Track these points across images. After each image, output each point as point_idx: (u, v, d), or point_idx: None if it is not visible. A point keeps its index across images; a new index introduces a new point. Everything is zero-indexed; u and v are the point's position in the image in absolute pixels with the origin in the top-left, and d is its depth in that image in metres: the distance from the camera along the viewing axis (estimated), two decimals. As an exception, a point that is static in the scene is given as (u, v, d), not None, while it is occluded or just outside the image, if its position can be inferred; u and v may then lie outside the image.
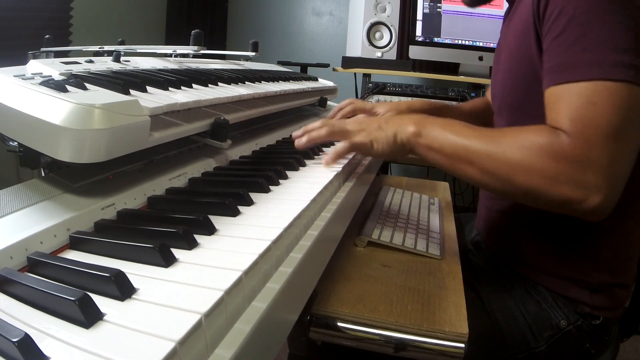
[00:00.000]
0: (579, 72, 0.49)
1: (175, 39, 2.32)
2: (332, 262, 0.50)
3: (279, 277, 0.34)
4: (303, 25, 2.52)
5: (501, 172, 0.50)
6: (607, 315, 0.65)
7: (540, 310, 0.67)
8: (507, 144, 0.50)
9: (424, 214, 0.82)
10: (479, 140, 0.53)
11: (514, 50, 0.68)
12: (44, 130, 0.37)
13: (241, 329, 0.27)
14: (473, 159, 0.53)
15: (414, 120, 0.59)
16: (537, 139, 0.49)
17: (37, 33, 1.44)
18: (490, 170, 0.51)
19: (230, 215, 0.41)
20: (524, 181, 0.49)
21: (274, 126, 0.84)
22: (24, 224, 0.34)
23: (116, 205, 0.41)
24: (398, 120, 0.61)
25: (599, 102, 0.48)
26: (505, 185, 0.51)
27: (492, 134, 0.53)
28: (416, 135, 0.58)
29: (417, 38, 1.74)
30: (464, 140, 0.54)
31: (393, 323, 0.50)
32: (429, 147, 0.57)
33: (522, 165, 0.49)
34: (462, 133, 0.55)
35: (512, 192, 0.52)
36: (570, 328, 0.65)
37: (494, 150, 0.51)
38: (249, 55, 1.02)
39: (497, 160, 0.51)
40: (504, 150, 0.50)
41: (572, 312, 0.65)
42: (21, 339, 0.22)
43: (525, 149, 0.49)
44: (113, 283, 0.27)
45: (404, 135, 0.58)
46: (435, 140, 0.56)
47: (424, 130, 0.58)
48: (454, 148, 0.54)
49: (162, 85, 0.54)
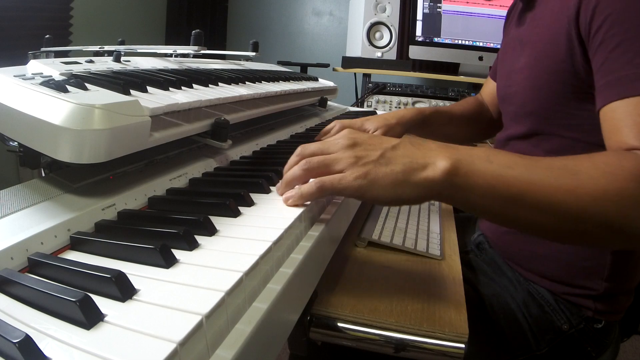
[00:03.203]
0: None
1: (175, 39, 2.32)
2: (333, 262, 0.50)
3: (280, 278, 0.34)
4: (303, 25, 2.52)
5: (584, 208, 0.40)
6: (609, 319, 0.65)
7: (542, 314, 0.66)
8: (586, 173, 0.41)
9: (424, 214, 0.82)
10: (546, 172, 0.41)
11: (539, 58, 0.62)
12: (44, 130, 0.37)
13: (242, 329, 0.27)
14: (540, 198, 0.40)
15: (443, 152, 0.42)
16: (620, 162, 0.41)
17: (37, 33, 1.44)
18: (569, 208, 0.40)
19: (230, 216, 0.41)
20: (616, 215, 0.40)
21: (274, 126, 0.84)
22: (24, 225, 0.34)
23: (117, 205, 0.41)
24: (410, 149, 0.43)
25: None
26: (588, 226, 0.41)
27: (559, 162, 0.42)
28: (450, 174, 0.40)
29: (417, 38, 1.74)
30: (525, 174, 0.41)
31: (393, 323, 0.50)
32: (470, 189, 0.41)
33: (613, 194, 0.40)
34: (518, 164, 0.41)
35: (589, 234, 0.42)
36: (572, 331, 0.65)
37: (571, 183, 0.40)
38: (249, 55, 1.02)
39: (578, 195, 0.40)
40: (584, 180, 0.40)
41: (574, 316, 0.65)
42: (22, 339, 0.22)
43: (611, 176, 0.40)
44: (114, 284, 0.27)
45: (428, 174, 0.41)
46: (482, 179, 0.41)
47: (461, 166, 0.41)
48: (512, 186, 0.40)
49: (163, 85, 0.54)
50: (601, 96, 0.50)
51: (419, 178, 0.41)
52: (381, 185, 0.41)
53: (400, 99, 1.62)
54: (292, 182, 0.44)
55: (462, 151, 0.42)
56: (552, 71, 0.60)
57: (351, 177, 0.41)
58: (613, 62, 0.48)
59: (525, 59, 0.67)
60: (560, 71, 0.59)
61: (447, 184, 0.41)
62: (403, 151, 0.42)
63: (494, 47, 1.70)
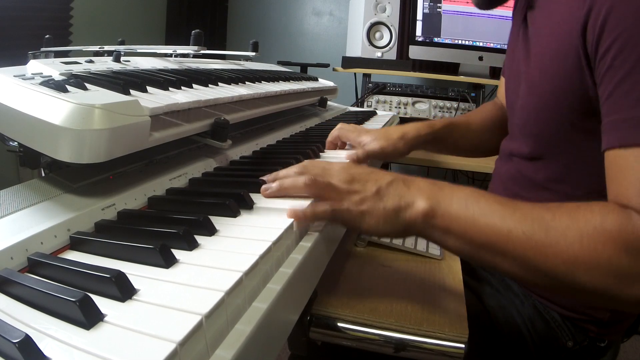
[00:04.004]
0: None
1: (175, 39, 2.31)
2: (333, 262, 0.50)
3: (280, 278, 0.34)
4: (303, 25, 2.52)
5: (552, 268, 0.38)
6: (612, 338, 0.65)
7: (548, 330, 0.65)
8: (561, 231, 0.38)
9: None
10: (520, 224, 0.39)
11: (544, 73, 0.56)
12: (44, 130, 0.37)
13: (242, 329, 0.27)
14: (510, 249, 0.39)
15: (426, 192, 0.44)
16: (602, 223, 0.37)
17: (37, 33, 1.44)
18: (537, 265, 0.39)
19: (230, 216, 0.41)
20: (586, 281, 0.37)
21: (274, 126, 0.84)
22: (24, 225, 0.34)
23: (116, 205, 0.41)
24: (402, 188, 0.44)
25: None
26: (557, 283, 0.39)
27: (536, 214, 0.40)
28: (428, 216, 0.42)
29: (417, 38, 1.74)
30: (498, 223, 0.40)
31: (393, 323, 0.50)
32: (446, 231, 0.42)
33: (585, 261, 0.37)
34: (494, 212, 0.41)
35: (567, 291, 0.40)
36: (576, 348, 0.64)
37: (543, 240, 0.38)
38: (249, 55, 1.02)
39: (547, 255, 0.38)
40: (557, 239, 0.38)
41: (579, 334, 0.64)
42: (22, 339, 0.22)
43: (587, 239, 0.37)
44: (113, 284, 0.27)
45: (411, 213, 0.43)
46: (456, 223, 0.42)
47: (439, 208, 0.42)
48: (483, 234, 0.41)
49: (162, 85, 0.54)
50: (606, 136, 0.44)
51: (403, 217, 0.43)
52: (375, 220, 0.43)
53: (400, 99, 1.61)
54: (289, 190, 0.46)
55: (446, 192, 0.44)
56: (558, 91, 0.53)
57: (354, 210, 0.43)
58: (620, 98, 0.42)
59: (530, 70, 0.60)
60: (567, 92, 0.52)
61: (425, 224, 0.43)
62: (395, 188, 0.44)
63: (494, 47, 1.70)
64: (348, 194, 0.44)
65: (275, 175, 0.48)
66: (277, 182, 0.46)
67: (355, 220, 0.44)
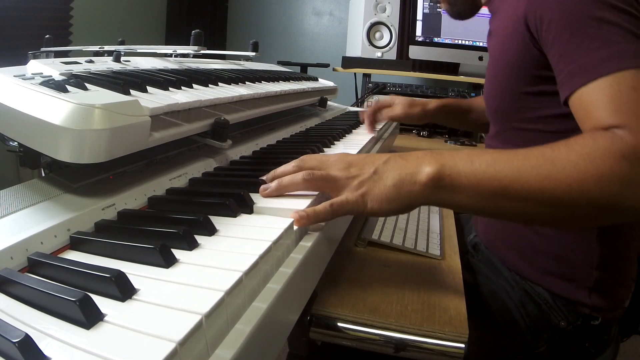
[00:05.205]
0: (610, 65, 0.46)
1: (175, 39, 2.32)
2: (333, 262, 0.50)
3: (280, 278, 0.34)
4: (303, 25, 2.52)
5: (567, 191, 0.41)
6: (606, 316, 0.66)
7: (539, 312, 0.67)
8: (565, 158, 0.42)
9: (424, 214, 0.82)
10: (526, 162, 0.42)
11: (497, 59, 0.68)
12: (44, 130, 0.37)
13: (242, 329, 0.27)
14: (525, 187, 0.42)
15: (427, 159, 0.44)
16: (595, 143, 0.42)
17: (37, 33, 1.45)
18: (553, 194, 0.41)
19: (230, 216, 0.41)
20: (597, 193, 0.40)
21: (274, 126, 0.84)
22: (24, 225, 0.34)
23: (116, 205, 0.41)
24: (399, 162, 0.45)
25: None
26: (573, 208, 0.42)
27: (537, 152, 0.43)
28: (436, 179, 0.43)
29: (417, 38, 1.74)
30: (506, 167, 0.42)
31: (393, 323, 0.50)
32: (456, 190, 0.43)
33: (592, 174, 0.40)
34: (499, 160, 0.43)
35: (578, 216, 0.43)
36: (569, 328, 0.65)
37: (552, 169, 0.41)
38: (249, 55, 1.02)
39: (559, 180, 0.41)
40: (563, 165, 0.41)
41: (571, 313, 0.66)
42: (21, 339, 0.22)
43: (588, 157, 0.41)
44: (113, 283, 0.27)
45: (417, 182, 0.43)
46: (465, 178, 0.43)
47: (445, 169, 0.43)
48: (495, 180, 0.42)
49: (163, 85, 0.54)
50: (566, 86, 0.51)
51: (408, 188, 0.43)
52: (377, 201, 0.44)
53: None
54: (288, 187, 0.46)
55: (446, 155, 0.45)
56: (510, 65, 0.63)
57: (353, 197, 0.44)
58: (571, 53, 0.50)
59: (489, 63, 0.72)
60: (517, 65, 0.61)
61: (434, 188, 0.43)
62: (393, 164, 0.45)
63: (494, 47, 1.70)
64: (347, 179, 0.45)
65: (274, 174, 0.48)
66: (275, 181, 0.46)
67: (358, 206, 0.44)
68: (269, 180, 0.48)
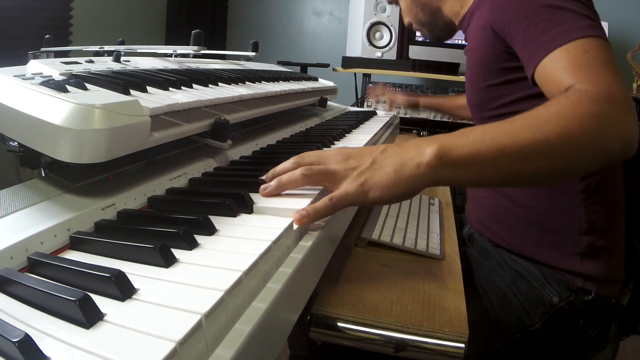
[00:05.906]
0: (563, 38, 0.55)
1: (175, 39, 2.32)
2: (333, 262, 0.50)
3: (279, 278, 0.34)
4: (303, 25, 2.52)
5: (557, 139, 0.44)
6: (600, 290, 0.66)
7: (531, 289, 0.69)
8: (549, 113, 0.46)
9: (424, 214, 0.82)
10: (517, 123, 0.46)
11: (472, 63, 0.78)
12: (44, 130, 0.37)
13: (241, 329, 0.27)
14: (524, 144, 0.44)
15: (426, 141, 0.45)
16: (567, 98, 0.48)
17: (37, 33, 1.45)
18: (549, 145, 0.44)
19: (230, 216, 0.41)
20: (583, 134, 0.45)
21: (274, 126, 0.84)
22: (24, 224, 0.34)
23: (116, 205, 0.41)
24: (397, 150, 0.46)
25: (590, 49, 0.53)
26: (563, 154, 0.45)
27: (523, 116, 0.47)
28: (438, 156, 0.44)
29: (417, 38, 1.74)
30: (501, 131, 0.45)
31: (393, 323, 0.50)
32: (459, 164, 0.44)
33: (575, 118, 0.45)
34: (491, 128, 0.46)
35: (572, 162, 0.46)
36: (562, 304, 0.68)
37: (539, 124, 0.45)
38: (249, 55, 1.02)
39: (550, 131, 0.44)
40: (549, 118, 0.45)
41: (563, 289, 0.68)
42: (21, 339, 0.22)
43: (567, 107, 0.46)
44: (113, 283, 0.27)
45: (418, 164, 0.44)
46: (465, 150, 0.44)
47: (444, 147, 0.44)
48: (494, 145, 0.44)
49: (163, 85, 0.54)
50: (530, 64, 0.59)
51: (410, 172, 0.44)
52: (378, 189, 0.44)
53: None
54: (287, 185, 0.46)
55: (441, 137, 0.46)
56: (480, 64, 0.74)
57: (352, 188, 0.44)
58: (531, 37, 0.59)
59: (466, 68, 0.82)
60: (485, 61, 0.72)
61: (438, 167, 0.44)
62: (391, 152, 0.46)
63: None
64: (346, 171, 0.45)
65: (273, 172, 0.48)
66: (275, 180, 0.46)
67: (359, 196, 0.44)
68: (268, 179, 0.48)
